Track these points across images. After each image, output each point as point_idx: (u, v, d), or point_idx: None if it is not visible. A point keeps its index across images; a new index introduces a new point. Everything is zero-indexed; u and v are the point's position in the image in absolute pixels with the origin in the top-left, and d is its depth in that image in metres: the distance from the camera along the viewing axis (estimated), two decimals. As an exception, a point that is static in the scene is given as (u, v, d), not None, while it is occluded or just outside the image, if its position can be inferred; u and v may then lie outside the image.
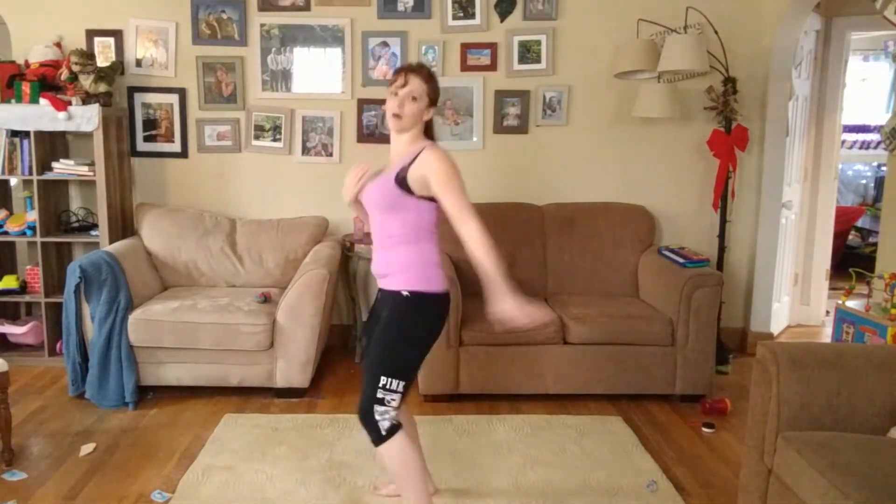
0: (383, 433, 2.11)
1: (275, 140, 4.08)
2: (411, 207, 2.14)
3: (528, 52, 4.03)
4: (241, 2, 3.95)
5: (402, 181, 2.12)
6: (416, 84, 2.14)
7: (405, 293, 2.14)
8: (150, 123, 4.06)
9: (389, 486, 2.57)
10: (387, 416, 2.12)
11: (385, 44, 4.02)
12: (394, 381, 2.11)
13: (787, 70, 4.06)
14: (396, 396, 2.13)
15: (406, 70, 2.17)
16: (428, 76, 2.18)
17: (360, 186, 2.23)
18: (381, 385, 2.10)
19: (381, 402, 2.11)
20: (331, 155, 4.10)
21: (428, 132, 2.26)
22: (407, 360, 2.16)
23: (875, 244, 4.90)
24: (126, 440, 2.98)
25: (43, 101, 3.58)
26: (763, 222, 4.18)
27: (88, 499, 2.53)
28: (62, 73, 3.70)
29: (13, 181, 4.01)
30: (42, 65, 3.72)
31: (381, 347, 2.17)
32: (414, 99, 2.14)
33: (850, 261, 5.95)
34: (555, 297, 3.75)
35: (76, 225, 3.94)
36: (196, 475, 2.68)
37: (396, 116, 2.15)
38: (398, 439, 2.13)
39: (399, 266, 2.16)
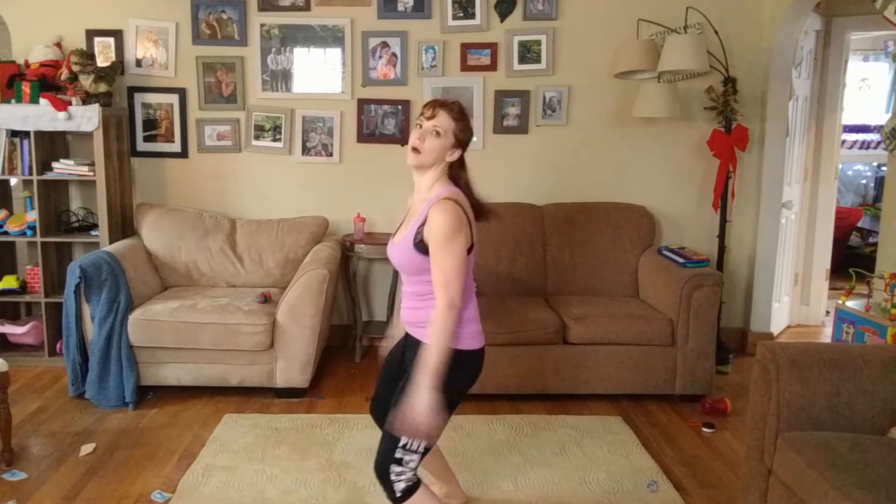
0: (398, 495, 1.94)
1: (275, 140, 4.08)
2: None
3: (528, 52, 4.03)
4: (241, 2, 3.95)
5: (419, 245, 1.93)
6: (443, 119, 1.99)
7: None
8: (150, 123, 4.06)
9: (436, 486, 2.41)
10: (403, 477, 1.93)
11: (385, 44, 4.02)
12: (415, 441, 1.91)
13: (787, 70, 4.06)
14: (416, 458, 1.94)
15: (435, 104, 2.02)
16: (459, 114, 2.02)
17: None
18: (401, 445, 1.91)
19: (399, 462, 1.92)
20: (331, 155, 4.10)
21: (453, 175, 2.05)
22: (434, 422, 1.88)
23: (875, 244, 4.90)
24: (126, 440, 2.98)
25: (43, 101, 3.58)
26: (763, 222, 4.18)
27: (88, 499, 2.53)
28: (62, 73, 3.70)
29: (13, 181, 4.01)
30: (42, 65, 3.72)
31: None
32: (437, 134, 1.99)
33: (850, 261, 5.96)
34: (555, 296, 3.75)
35: (76, 225, 3.94)
36: (196, 475, 2.67)
37: (415, 150, 2.01)
38: (415, 499, 1.96)
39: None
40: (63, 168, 3.74)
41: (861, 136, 6.49)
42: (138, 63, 4.00)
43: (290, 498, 2.54)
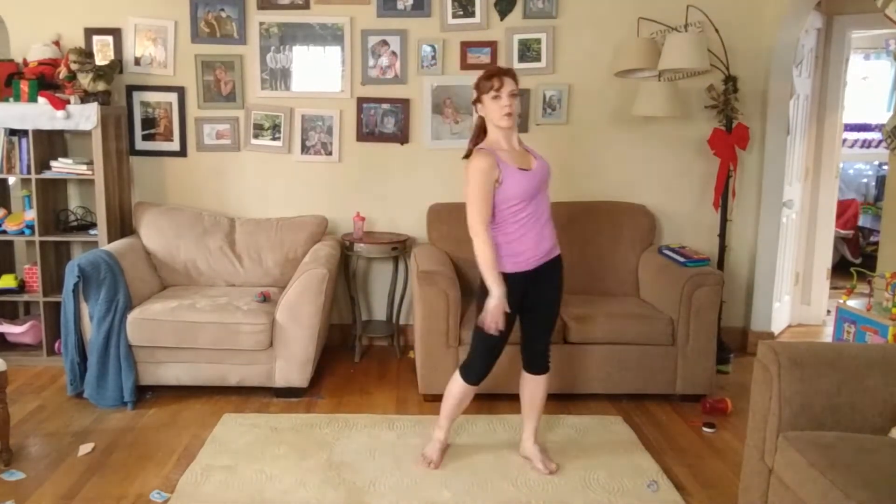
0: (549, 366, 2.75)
1: (274, 139, 4.07)
2: None
3: (528, 51, 4.02)
4: (240, 0, 3.93)
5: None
6: (512, 84, 2.48)
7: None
8: (148, 122, 4.05)
9: (550, 465, 2.77)
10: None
11: (385, 42, 4.01)
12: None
13: (788, 68, 4.05)
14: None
15: (500, 73, 2.47)
16: (514, 75, 2.51)
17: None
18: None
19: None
20: (330, 154, 4.09)
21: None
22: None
23: (876, 243, 4.89)
24: (125, 440, 2.97)
25: (41, 99, 3.56)
26: (764, 221, 4.17)
27: (87, 499, 2.52)
28: (61, 72, 3.69)
29: (11, 180, 3.99)
30: (40, 63, 3.70)
31: (559, 306, 2.72)
32: (514, 95, 2.48)
33: (851, 260, 5.95)
34: (555, 296, 3.74)
35: (75, 224, 3.93)
36: (195, 475, 2.67)
37: (509, 115, 2.48)
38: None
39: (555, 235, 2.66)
40: (61, 167, 3.73)
41: (862, 135, 6.47)
42: (137, 61, 3.99)
43: (289, 498, 2.53)
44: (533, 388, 2.78)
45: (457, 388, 2.73)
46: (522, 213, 2.52)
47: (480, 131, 2.60)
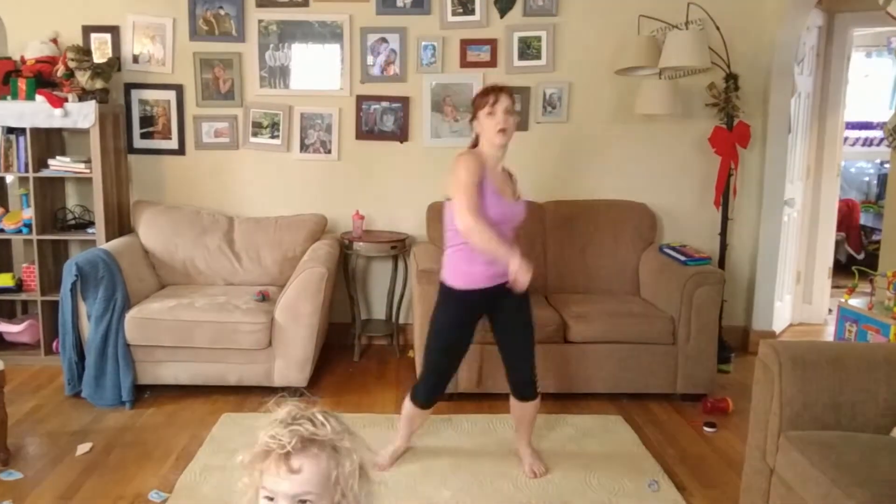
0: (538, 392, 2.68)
1: (273, 137, 4.05)
2: None
3: (529, 49, 4.00)
4: (238, -2, 3.92)
5: None
6: (507, 101, 2.48)
7: None
8: (146, 120, 4.03)
9: (538, 467, 2.73)
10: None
11: (384, 40, 3.99)
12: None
13: (790, 66, 4.03)
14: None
15: (494, 90, 2.49)
16: (510, 93, 2.52)
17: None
18: None
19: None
20: (329, 152, 4.08)
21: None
22: None
23: (878, 242, 4.87)
24: (123, 440, 2.96)
25: (39, 97, 3.55)
26: (765, 220, 4.15)
27: (85, 499, 2.51)
28: (58, 70, 3.67)
29: (9, 178, 3.98)
30: (38, 61, 3.68)
31: (532, 329, 2.66)
32: (512, 113, 2.49)
33: (853, 259, 5.93)
34: (555, 295, 3.73)
35: (72, 223, 3.92)
36: (194, 475, 2.65)
37: (503, 132, 2.46)
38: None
39: None
40: (59, 165, 3.71)
41: (864, 133, 6.45)
42: (135, 59, 3.97)
43: (287, 498, 2.51)
44: (519, 410, 2.72)
45: (406, 409, 2.72)
46: None
47: (472, 147, 2.60)
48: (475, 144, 2.60)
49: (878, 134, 6.35)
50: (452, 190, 2.43)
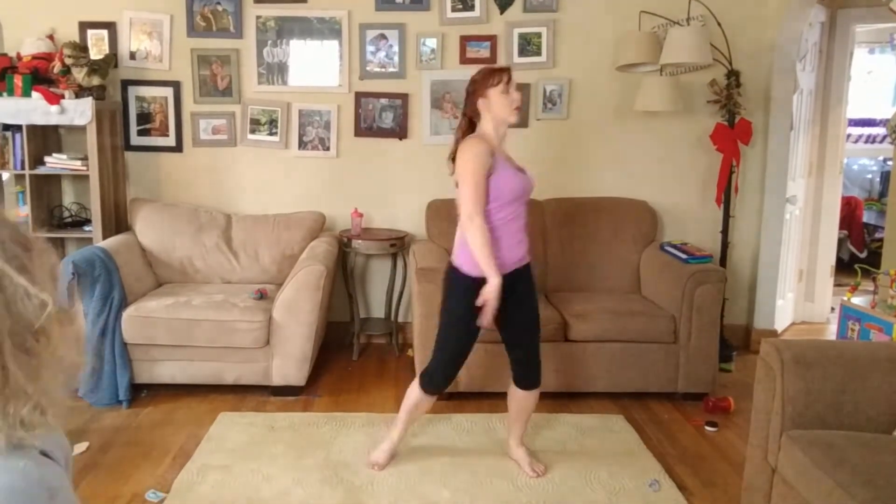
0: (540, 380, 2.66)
1: (271, 134, 4.03)
2: None
3: (529, 45, 3.97)
4: (236, -6, 3.90)
5: None
6: (514, 81, 2.49)
7: None
8: (144, 117, 4.01)
9: (539, 467, 2.70)
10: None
11: (383, 36, 3.96)
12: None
13: (792, 63, 4.00)
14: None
15: (507, 71, 2.48)
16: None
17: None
18: None
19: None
20: (328, 149, 4.05)
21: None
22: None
23: (880, 240, 4.85)
24: (120, 439, 2.94)
25: (35, 94, 3.53)
26: (767, 217, 4.13)
27: (81, 498, 2.45)
28: (55, 66, 3.64)
29: (5, 176, 3.95)
30: (34, 57, 3.67)
31: (538, 312, 2.65)
32: (519, 90, 2.50)
33: (855, 257, 5.90)
34: (556, 293, 3.70)
35: (69, 220, 3.90)
36: (191, 474, 2.63)
37: (519, 109, 2.49)
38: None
39: None
40: (56, 162, 3.69)
41: (867, 130, 6.41)
42: (132, 56, 3.95)
43: (286, 497, 2.50)
44: (521, 400, 2.69)
45: (413, 396, 2.67)
46: (501, 213, 2.46)
47: (466, 132, 2.54)
48: (470, 128, 2.54)
49: (881, 131, 6.32)
50: (460, 177, 2.42)
